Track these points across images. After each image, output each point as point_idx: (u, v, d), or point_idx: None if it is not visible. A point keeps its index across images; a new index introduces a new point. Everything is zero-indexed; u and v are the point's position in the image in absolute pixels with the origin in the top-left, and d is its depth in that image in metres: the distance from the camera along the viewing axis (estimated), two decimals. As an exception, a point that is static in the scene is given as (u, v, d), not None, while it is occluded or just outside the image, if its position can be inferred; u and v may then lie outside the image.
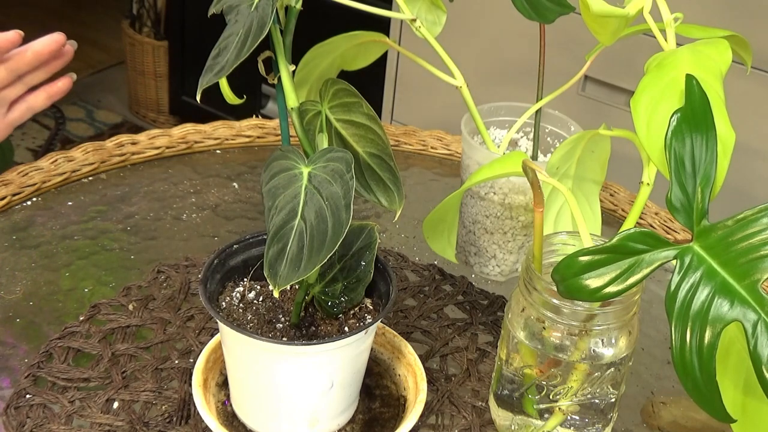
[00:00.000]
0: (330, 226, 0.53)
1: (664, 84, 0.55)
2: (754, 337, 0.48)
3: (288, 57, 0.58)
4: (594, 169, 0.73)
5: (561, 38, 1.06)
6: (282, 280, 0.53)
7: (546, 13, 0.73)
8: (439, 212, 0.74)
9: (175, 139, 1.00)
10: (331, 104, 0.59)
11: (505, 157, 0.68)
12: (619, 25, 0.62)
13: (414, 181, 1.02)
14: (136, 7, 2.28)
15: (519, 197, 0.79)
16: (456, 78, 0.75)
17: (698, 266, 0.51)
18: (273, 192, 0.55)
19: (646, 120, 0.55)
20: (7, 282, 0.79)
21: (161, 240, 0.88)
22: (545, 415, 0.65)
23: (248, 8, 0.54)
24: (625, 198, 0.99)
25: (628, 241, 0.51)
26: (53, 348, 0.73)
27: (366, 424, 0.68)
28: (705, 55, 0.56)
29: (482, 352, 0.77)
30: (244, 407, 0.66)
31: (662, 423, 0.73)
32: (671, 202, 0.51)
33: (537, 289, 0.60)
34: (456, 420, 0.70)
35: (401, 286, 0.84)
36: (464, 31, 1.50)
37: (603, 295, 0.52)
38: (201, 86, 0.53)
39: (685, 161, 0.51)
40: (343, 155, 0.55)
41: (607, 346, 0.61)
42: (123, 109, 2.49)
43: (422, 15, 0.77)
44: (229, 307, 0.65)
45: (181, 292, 0.80)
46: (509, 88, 1.47)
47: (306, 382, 0.62)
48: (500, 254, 0.84)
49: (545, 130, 0.84)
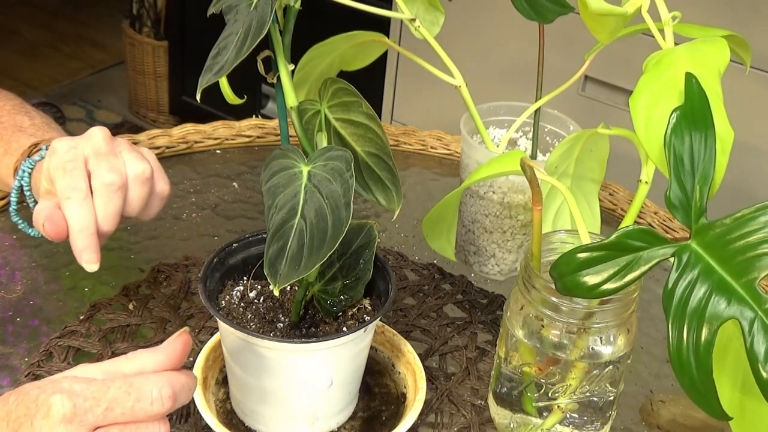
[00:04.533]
0: (330, 225, 0.53)
1: (663, 82, 0.55)
2: (751, 335, 0.49)
3: (287, 56, 0.58)
4: (593, 168, 0.73)
5: (560, 38, 1.06)
6: (282, 278, 0.53)
7: (545, 12, 0.73)
8: (438, 211, 0.74)
9: (175, 139, 1.00)
10: (330, 103, 0.59)
11: (504, 156, 0.68)
12: (618, 23, 0.62)
13: (413, 181, 1.02)
14: (136, 7, 2.29)
15: (518, 196, 0.79)
16: (455, 77, 0.75)
17: (696, 264, 0.51)
18: (273, 191, 0.56)
19: (644, 118, 0.55)
20: (7, 281, 0.80)
21: (161, 239, 0.88)
22: (544, 413, 0.65)
23: (247, 8, 0.54)
24: (624, 197, 0.99)
25: (626, 238, 0.51)
26: (53, 347, 0.73)
27: (365, 423, 0.68)
28: (703, 54, 0.56)
29: (481, 350, 0.77)
30: (244, 405, 0.66)
31: (661, 421, 0.73)
32: (670, 199, 0.52)
33: (536, 287, 0.60)
34: (455, 418, 0.70)
35: (401, 285, 0.84)
36: (463, 31, 1.50)
37: (601, 291, 0.52)
38: (201, 86, 0.54)
39: (684, 159, 0.52)
40: (342, 154, 0.55)
41: (605, 344, 0.61)
42: (123, 109, 2.49)
43: (421, 15, 0.77)
44: (229, 305, 0.65)
45: (180, 291, 0.80)
46: (508, 87, 1.47)
47: (305, 380, 0.62)
48: (499, 253, 0.84)
49: (544, 129, 0.84)
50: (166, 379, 0.51)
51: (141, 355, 0.53)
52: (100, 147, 0.71)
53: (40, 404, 0.48)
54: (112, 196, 0.68)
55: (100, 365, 0.52)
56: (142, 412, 0.49)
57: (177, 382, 0.51)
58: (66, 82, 2.62)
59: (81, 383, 0.49)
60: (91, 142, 0.71)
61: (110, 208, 0.68)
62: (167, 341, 0.53)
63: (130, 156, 0.71)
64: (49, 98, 2.44)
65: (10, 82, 2.49)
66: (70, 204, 0.67)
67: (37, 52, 2.75)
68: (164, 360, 0.52)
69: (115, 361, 0.53)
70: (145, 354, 0.53)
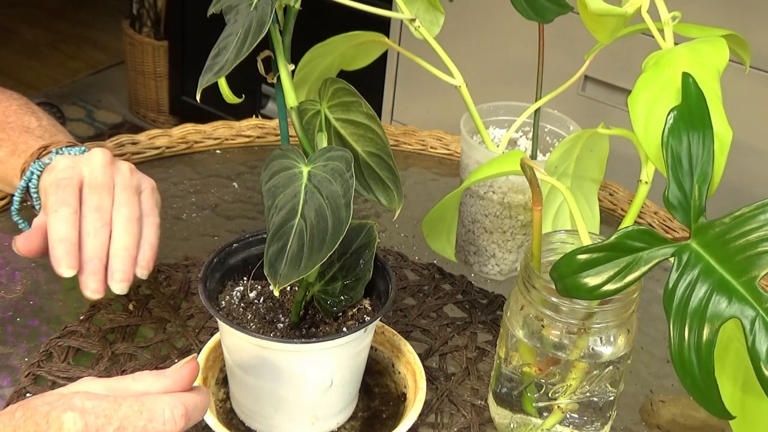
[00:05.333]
0: (330, 225, 0.53)
1: (662, 82, 0.55)
2: (752, 334, 0.49)
3: (287, 56, 0.58)
4: (593, 168, 0.73)
5: (560, 38, 1.06)
6: (282, 278, 0.53)
7: (544, 12, 0.73)
8: (438, 211, 0.74)
9: (175, 139, 1.00)
10: (330, 103, 0.59)
11: (504, 156, 0.68)
12: (618, 23, 0.62)
13: (413, 181, 1.02)
14: (136, 7, 2.29)
15: (518, 196, 0.79)
16: (455, 78, 0.75)
17: (696, 263, 0.51)
18: (273, 191, 0.56)
19: (643, 118, 0.55)
20: (7, 281, 0.80)
21: (161, 239, 0.87)
22: (544, 414, 0.65)
23: (247, 8, 0.54)
24: (624, 197, 0.99)
25: (626, 238, 0.51)
26: (53, 347, 0.73)
27: (365, 423, 0.68)
28: (702, 53, 0.56)
29: (481, 350, 0.77)
30: (244, 405, 0.66)
31: (661, 421, 0.73)
32: (669, 199, 0.52)
33: (536, 287, 0.60)
34: (455, 418, 0.70)
35: (401, 285, 0.84)
36: (463, 31, 1.50)
37: (601, 292, 0.52)
38: (201, 86, 0.54)
39: (682, 159, 0.52)
40: (342, 154, 0.55)
41: (605, 344, 0.61)
42: (123, 109, 2.49)
43: (421, 15, 0.77)
44: (229, 305, 0.65)
45: (180, 291, 0.81)
46: (508, 87, 1.47)
47: (306, 380, 0.62)
48: (499, 253, 0.84)
49: (544, 129, 0.84)
50: (178, 399, 0.50)
51: (147, 378, 0.52)
52: (96, 176, 0.71)
53: (51, 421, 0.47)
54: (98, 228, 0.69)
55: (105, 382, 0.52)
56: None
57: (190, 402, 0.51)
58: (66, 82, 2.62)
59: (93, 400, 0.48)
60: (90, 167, 0.72)
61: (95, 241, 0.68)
62: (174, 367, 0.52)
63: (121, 196, 0.71)
64: (49, 98, 2.44)
65: (10, 82, 2.48)
66: (56, 217, 0.68)
67: (37, 52, 2.75)
68: (170, 386, 0.52)
69: (120, 379, 0.52)
70: (150, 377, 0.52)
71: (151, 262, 0.70)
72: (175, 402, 0.50)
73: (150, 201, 0.74)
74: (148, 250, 0.71)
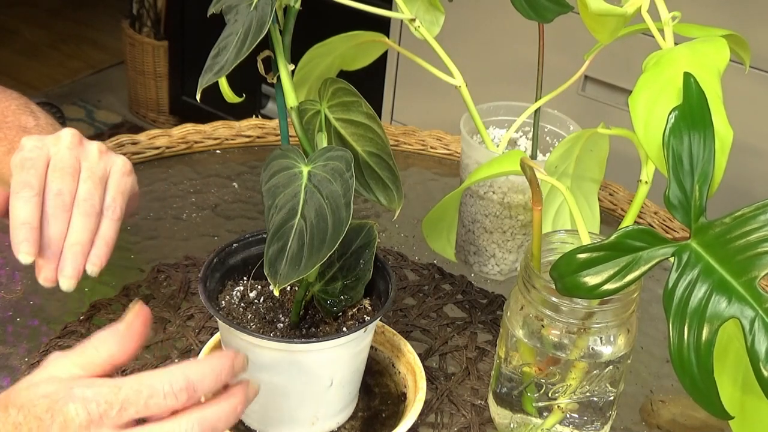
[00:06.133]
0: (330, 225, 0.53)
1: (662, 82, 0.56)
2: (752, 334, 0.49)
3: (287, 56, 0.58)
4: (593, 168, 0.73)
5: (560, 38, 1.06)
6: (282, 278, 0.53)
7: (544, 12, 0.73)
8: (438, 211, 0.74)
9: (175, 139, 1.00)
10: (330, 103, 0.59)
11: (504, 156, 0.68)
12: (618, 23, 0.62)
13: (413, 181, 1.02)
14: (136, 7, 2.28)
15: (518, 196, 0.79)
16: (455, 77, 0.75)
17: (696, 263, 0.51)
18: (273, 191, 0.56)
19: (644, 118, 0.55)
20: (7, 281, 0.80)
21: (161, 239, 0.88)
22: (544, 413, 0.65)
23: (247, 8, 0.55)
24: (624, 197, 0.99)
25: (626, 238, 0.51)
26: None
27: (365, 422, 0.68)
28: (703, 53, 0.56)
29: (481, 350, 0.77)
30: (244, 406, 0.66)
31: (661, 421, 0.73)
32: (669, 199, 0.52)
33: (536, 287, 0.60)
34: (455, 418, 0.70)
35: (401, 285, 0.84)
36: (463, 31, 1.50)
37: (601, 292, 0.52)
38: (201, 85, 0.54)
39: (682, 159, 0.52)
40: (342, 154, 0.55)
41: (605, 344, 0.61)
42: (123, 109, 2.49)
43: (421, 15, 0.77)
44: (229, 305, 0.65)
45: (181, 291, 0.81)
46: (508, 87, 1.47)
47: (306, 380, 0.62)
48: (499, 253, 0.84)
49: (544, 129, 0.84)
50: (180, 371, 0.50)
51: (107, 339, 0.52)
52: (62, 157, 0.69)
53: (55, 414, 0.48)
54: (57, 214, 0.67)
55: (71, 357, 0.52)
56: (156, 408, 0.49)
57: (192, 372, 0.51)
58: (66, 82, 2.62)
59: (93, 387, 0.49)
60: (57, 146, 0.70)
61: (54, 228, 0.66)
62: (124, 322, 0.53)
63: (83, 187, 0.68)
64: (49, 98, 2.44)
65: (10, 82, 2.48)
66: (17, 198, 0.66)
67: (37, 52, 2.75)
68: (128, 341, 0.52)
69: (82, 351, 0.52)
70: (110, 338, 0.52)
71: (104, 259, 0.68)
72: (173, 375, 0.50)
73: (116, 189, 0.71)
74: (102, 246, 0.68)
